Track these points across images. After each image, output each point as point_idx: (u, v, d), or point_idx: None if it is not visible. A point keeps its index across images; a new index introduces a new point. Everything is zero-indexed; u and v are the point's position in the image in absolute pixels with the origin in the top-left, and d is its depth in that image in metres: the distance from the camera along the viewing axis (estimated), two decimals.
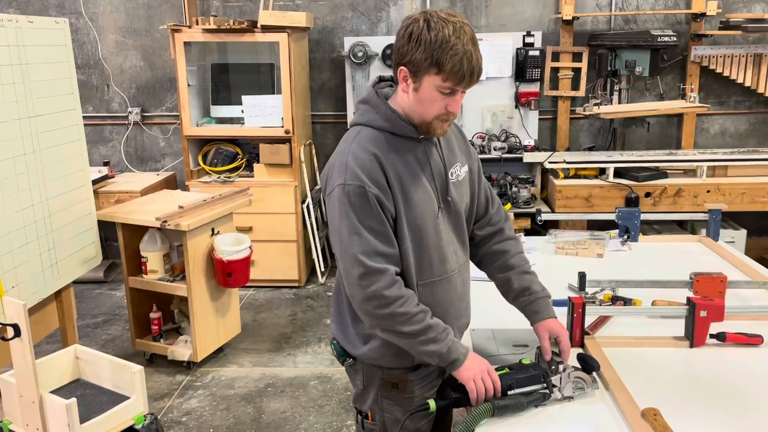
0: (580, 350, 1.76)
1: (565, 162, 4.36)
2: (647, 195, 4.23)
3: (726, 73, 4.57)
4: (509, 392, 1.51)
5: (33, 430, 2.01)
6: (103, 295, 4.61)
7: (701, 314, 1.82)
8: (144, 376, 2.12)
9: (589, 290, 2.23)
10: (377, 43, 4.61)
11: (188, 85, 4.43)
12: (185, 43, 4.32)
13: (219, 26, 4.19)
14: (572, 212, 4.10)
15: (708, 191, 4.21)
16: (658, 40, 4.12)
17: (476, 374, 1.52)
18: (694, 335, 1.84)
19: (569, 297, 1.89)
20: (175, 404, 3.20)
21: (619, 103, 4.51)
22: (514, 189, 4.46)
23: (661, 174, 4.31)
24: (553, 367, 1.57)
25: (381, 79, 1.66)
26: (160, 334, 3.57)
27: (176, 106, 4.73)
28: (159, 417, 3.07)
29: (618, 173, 4.32)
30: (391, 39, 4.63)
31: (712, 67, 4.57)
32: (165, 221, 3.16)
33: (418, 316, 1.51)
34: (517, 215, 4.38)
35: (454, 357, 1.53)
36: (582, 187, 4.28)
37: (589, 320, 1.97)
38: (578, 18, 4.59)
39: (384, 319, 1.51)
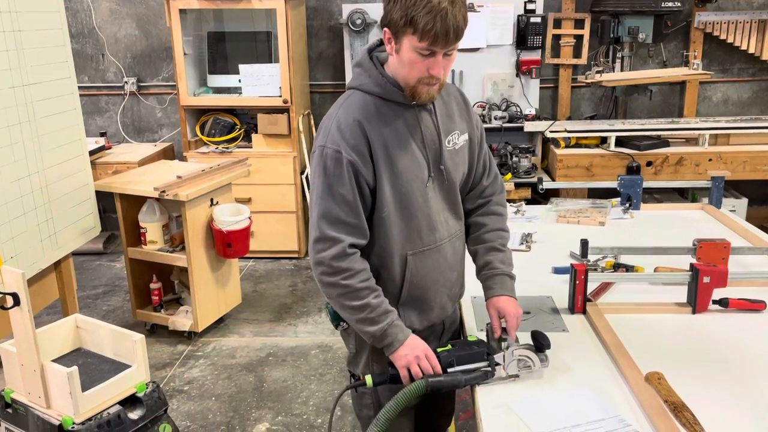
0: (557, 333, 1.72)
1: (566, 131, 4.31)
2: (649, 164, 4.20)
3: (730, 40, 4.50)
4: (449, 369, 1.49)
5: (35, 399, 2.01)
6: (102, 267, 4.60)
7: (704, 280, 1.82)
8: (145, 344, 2.11)
9: (591, 258, 2.22)
10: (376, 10, 4.53)
11: (184, 54, 4.36)
12: (181, 10, 4.24)
13: None
14: (573, 181, 4.08)
15: (710, 160, 4.18)
16: (662, 5, 4.05)
17: (411, 360, 1.50)
18: (696, 301, 1.83)
19: (571, 264, 1.89)
20: (177, 373, 3.21)
21: (622, 70, 4.45)
22: (515, 159, 4.43)
23: (663, 143, 4.27)
24: (499, 345, 1.55)
25: (381, 42, 1.59)
26: (161, 305, 3.57)
27: (172, 75, 4.67)
28: (161, 386, 3.09)
29: (619, 142, 4.29)
30: None
31: (716, 33, 4.50)
32: (163, 191, 3.14)
33: (361, 293, 1.50)
34: (518, 185, 4.35)
35: (389, 341, 1.51)
36: (583, 156, 4.24)
37: (591, 287, 1.96)
38: None
39: (327, 287, 1.52)
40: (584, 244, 2.07)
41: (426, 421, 1.88)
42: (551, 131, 4.35)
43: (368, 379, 1.54)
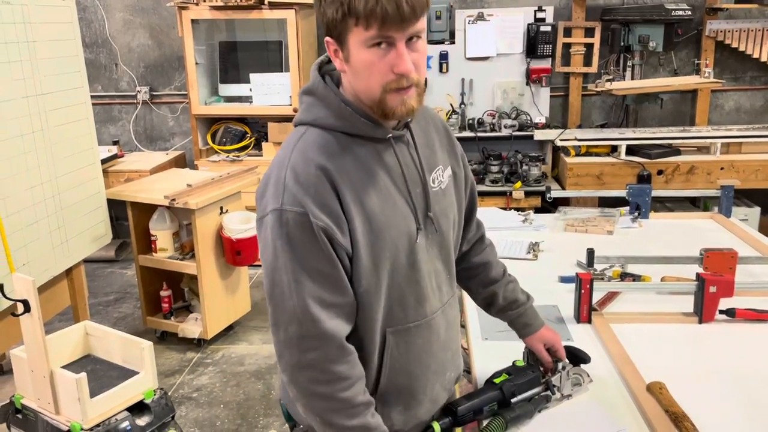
0: (567, 343, 1.66)
1: (576, 139, 4.31)
2: (660, 172, 4.18)
3: (742, 48, 4.47)
4: (513, 400, 1.40)
5: (44, 405, 2.03)
6: (114, 274, 4.65)
7: (710, 290, 1.80)
8: (153, 351, 2.14)
9: (598, 267, 2.22)
10: None
11: (196, 63, 4.41)
12: (193, 20, 4.29)
13: (226, 3, 4.16)
14: (581, 189, 4.06)
15: (722, 168, 4.15)
16: (672, 13, 4.05)
17: None
18: (703, 311, 1.82)
19: (577, 273, 1.89)
20: (186, 380, 3.23)
21: (632, 79, 4.44)
22: (525, 167, 4.43)
23: (674, 151, 4.25)
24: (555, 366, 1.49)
25: (329, 60, 1.19)
26: (171, 312, 3.60)
27: (184, 84, 4.72)
28: (170, 393, 3.11)
29: (630, 150, 4.27)
30: None
31: (727, 41, 4.48)
32: (173, 199, 3.17)
33: (358, 409, 1.14)
34: (528, 193, 4.35)
35: None
36: (593, 164, 4.23)
37: (597, 296, 1.96)
38: None
39: (317, 398, 1.14)
40: (590, 253, 2.07)
41: None
42: (561, 139, 4.34)
43: (436, 426, 1.31)
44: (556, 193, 2.99)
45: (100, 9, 4.90)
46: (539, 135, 4.44)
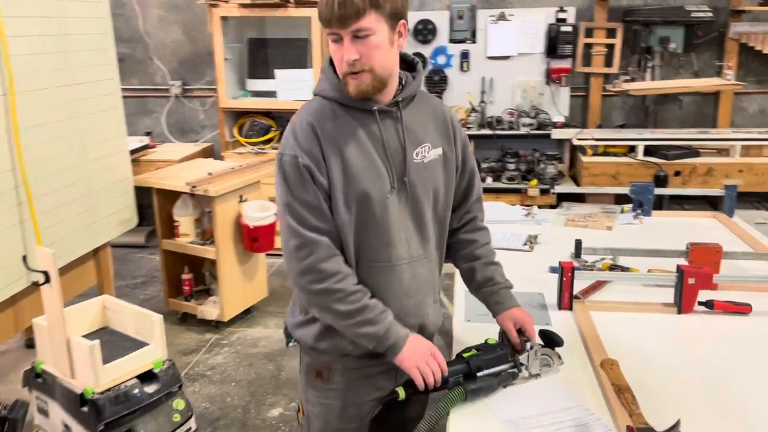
0: (545, 327, 1.73)
1: (593, 139, 4.34)
2: (677, 173, 4.18)
3: (766, 51, 4.44)
4: (479, 374, 1.48)
5: (61, 370, 2.20)
6: (143, 259, 4.86)
7: (689, 281, 1.86)
8: (163, 324, 2.29)
9: (589, 258, 2.29)
10: (413, 17, 4.65)
11: (225, 59, 4.59)
12: (222, 17, 4.47)
13: (253, 0, 4.31)
14: (589, 187, 4.10)
15: (740, 171, 4.13)
16: (692, 15, 4.05)
17: (419, 360, 1.44)
18: (681, 302, 1.88)
19: (560, 261, 1.96)
20: (202, 359, 3.39)
21: (653, 80, 4.45)
22: (541, 165, 4.47)
23: (693, 153, 4.25)
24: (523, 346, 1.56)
25: None
26: (191, 295, 3.77)
27: (215, 79, 4.90)
28: (186, 370, 3.28)
29: (648, 151, 4.28)
30: (424, 14, 4.69)
31: (752, 44, 4.45)
32: (194, 186, 3.33)
33: (355, 296, 1.43)
34: (543, 191, 4.39)
35: (392, 341, 1.44)
36: (609, 164, 4.25)
37: (583, 285, 2.03)
38: None
39: (319, 294, 1.44)
40: (578, 244, 2.14)
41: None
42: (578, 139, 4.38)
43: (400, 390, 1.47)
44: (559, 188, 3.05)
45: (137, 5, 5.12)
46: (557, 134, 4.48)
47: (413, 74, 1.54)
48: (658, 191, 2.89)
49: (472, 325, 1.84)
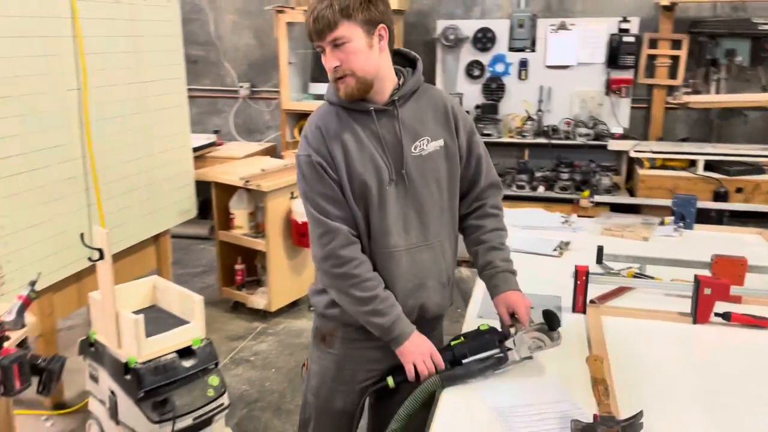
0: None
1: (651, 152, 4.26)
2: (738, 190, 4.05)
3: None
4: (463, 361, 1.53)
5: (111, 340, 2.40)
6: (205, 250, 5.13)
7: (705, 291, 1.85)
8: (203, 305, 2.45)
9: (615, 266, 2.29)
10: (469, 27, 4.72)
11: (289, 62, 4.79)
12: (288, 23, 4.68)
13: None
14: (638, 198, 4.03)
15: None
16: (759, 28, 3.92)
17: (417, 357, 1.56)
18: (697, 312, 1.87)
19: (576, 265, 1.98)
20: (247, 346, 3.57)
21: (718, 93, 4.32)
22: (596, 177, 4.43)
23: (756, 169, 4.10)
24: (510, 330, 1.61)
25: None
26: (243, 284, 3.97)
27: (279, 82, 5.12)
28: (232, 355, 3.47)
29: (710, 167, 4.16)
30: (484, 23, 4.73)
31: None
32: (248, 181, 3.52)
33: (369, 283, 1.58)
34: (596, 204, 4.34)
35: (396, 334, 1.57)
36: (667, 177, 4.16)
37: (603, 290, 2.05)
38: (677, 3, 4.42)
39: (338, 278, 1.59)
40: (599, 250, 2.15)
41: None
42: (636, 151, 4.31)
43: (389, 380, 1.61)
44: (598, 197, 3.03)
45: (213, 11, 5.42)
46: (613, 145, 4.42)
47: (414, 71, 1.66)
48: (716, 206, 2.82)
49: (483, 321, 1.89)
